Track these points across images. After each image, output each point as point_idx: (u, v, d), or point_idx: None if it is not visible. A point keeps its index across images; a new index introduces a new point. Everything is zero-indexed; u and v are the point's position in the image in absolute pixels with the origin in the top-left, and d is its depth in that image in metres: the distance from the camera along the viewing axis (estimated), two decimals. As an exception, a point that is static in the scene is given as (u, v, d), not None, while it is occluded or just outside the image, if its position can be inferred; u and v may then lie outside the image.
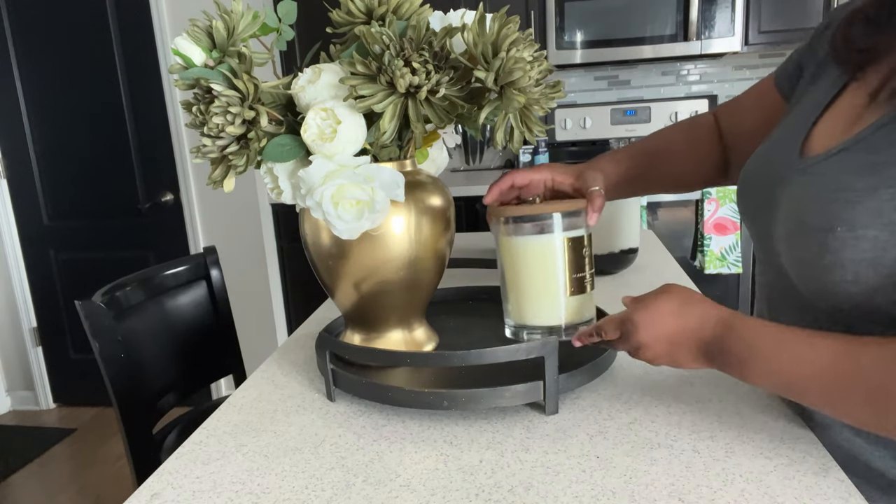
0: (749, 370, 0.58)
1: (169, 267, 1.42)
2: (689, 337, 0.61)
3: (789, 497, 0.54)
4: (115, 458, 2.48)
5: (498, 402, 0.69)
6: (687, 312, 0.62)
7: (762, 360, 0.57)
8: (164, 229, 2.67)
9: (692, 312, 0.62)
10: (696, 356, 0.61)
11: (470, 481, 0.59)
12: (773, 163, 0.67)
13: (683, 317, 0.62)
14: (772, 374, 0.57)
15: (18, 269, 2.82)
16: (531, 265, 0.75)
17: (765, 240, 0.68)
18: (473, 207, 2.55)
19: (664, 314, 0.63)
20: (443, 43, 0.68)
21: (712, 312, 0.61)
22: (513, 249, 0.76)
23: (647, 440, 0.64)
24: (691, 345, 0.61)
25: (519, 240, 0.75)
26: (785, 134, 0.68)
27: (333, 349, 0.77)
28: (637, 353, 0.65)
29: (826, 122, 0.63)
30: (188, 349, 1.43)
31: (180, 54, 0.71)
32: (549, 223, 0.74)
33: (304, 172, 0.71)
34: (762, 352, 0.57)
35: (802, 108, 0.68)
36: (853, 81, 0.62)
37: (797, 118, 0.67)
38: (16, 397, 2.97)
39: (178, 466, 0.66)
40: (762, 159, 0.70)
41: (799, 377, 0.55)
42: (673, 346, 0.62)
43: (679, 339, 0.62)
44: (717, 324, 0.60)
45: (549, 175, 0.80)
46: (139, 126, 2.59)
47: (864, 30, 0.61)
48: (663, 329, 0.62)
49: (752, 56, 2.87)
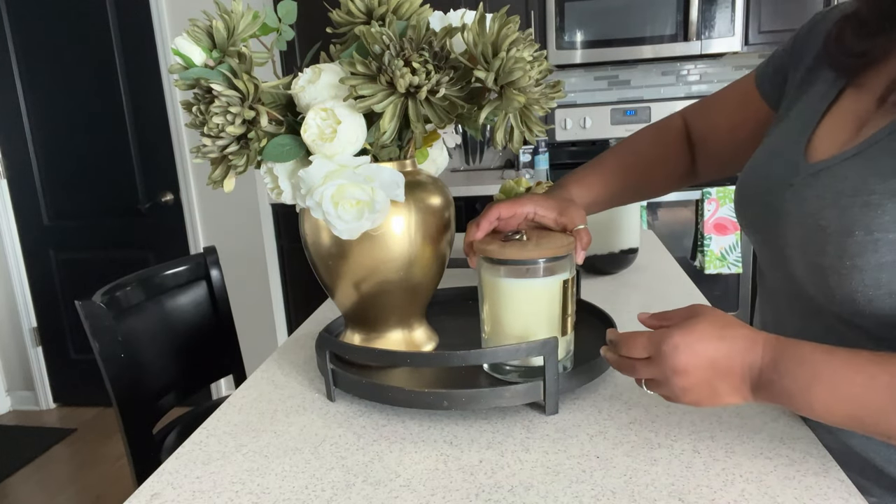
0: (813, 397, 0.50)
1: (169, 267, 1.42)
2: (736, 363, 0.53)
3: (789, 497, 0.54)
4: (115, 458, 2.48)
5: (498, 402, 0.69)
6: (731, 335, 0.54)
7: (829, 384, 0.50)
8: (164, 229, 2.67)
9: (737, 335, 0.54)
10: (741, 386, 0.53)
11: (470, 481, 0.59)
12: (775, 169, 0.66)
13: (728, 340, 0.53)
14: (841, 401, 0.50)
15: (18, 269, 2.82)
16: (516, 306, 0.72)
17: (773, 247, 0.67)
18: (473, 207, 2.55)
19: (707, 336, 0.53)
20: (443, 43, 0.68)
21: (759, 335, 0.54)
22: (498, 290, 0.72)
23: (647, 440, 0.64)
24: (738, 372, 0.53)
25: (506, 281, 0.71)
26: (784, 141, 0.67)
27: (333, 349, 0.77)
28: (668, 382, 0.55)
29: (828, 127, 0.62)
30: (188, 349, 1.43)
31: (180, 54, 0.71)
32: (535, 267, 0.70)
33: (304, 172, 0.71)
34: (829, 375, 0.50)
35: (799, 115, 0.67)
36: (850, 86, 0.62)
37: (795, 124, 0.67)
38: (16, 397, 2.97)
39: (178, 466, 0.66)
40: (762, 168, 0.69)
41: (874, 401, 0.48)
42: (716, 375, 0.53)
43: (724, 365, 0.53)
44: (765, 346, 0.53)
45: (532, 209, 0.77)
46: (139, 126, 2.59)
47: (857, 34, 0.61)
48: (706, 353, 0.53)
49: (752, 56, 2.87)
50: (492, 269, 0.73)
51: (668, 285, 1.17)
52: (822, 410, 0.51)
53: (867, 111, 0.58)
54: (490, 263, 0.72)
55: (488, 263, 0.73)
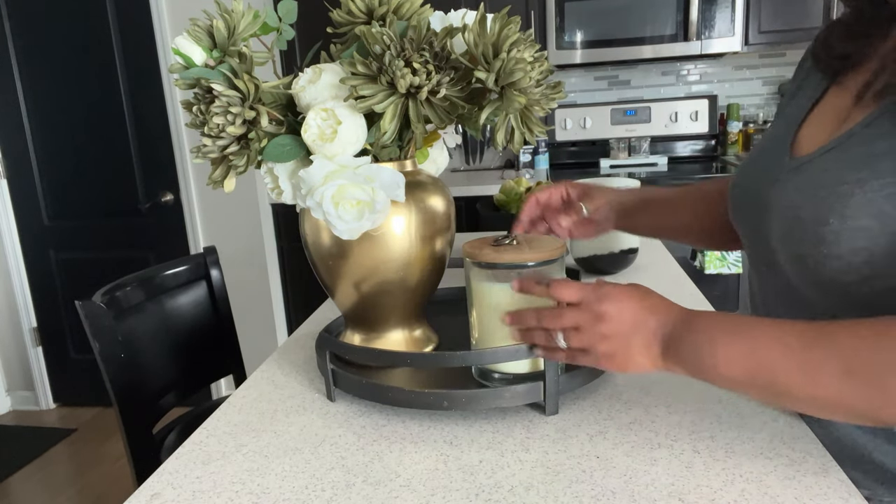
0: (717, 350, 0.55)
1: (169, 267, 1.42)
2: (651, 321, 0.60)
3: (789, 497, 0.54)
4: (115, 458, 2.48)
5: (498, 402, 0.69)
6: (652, 299, 0.62)
7: (731, 338, 0.55)
8: (164, 229, 2.67)
9: (657, 300, 0.62)
10: (652, 343, 0.59)
11: (470, 481, 0.59)
12: (762, 167, 0.69)
13: (648, 300, 0.61)
14: (741, 355, 0.54)
15: (18, 269, 2.82)
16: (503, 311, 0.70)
17: (759, 241, 0.69)
18: (473, 207, 2.55)
19: (633, 296, 0.61)
20: (443, 43, 0.68)
21: (675, 305, 0.61)
22: (486, 295, 0.72)
23: (647, 440, 0.64)
24: (652, 328, 0.59)
25: (493, 286, 0.71)
26: (772, 139, 0.70)
27: (333, 349, 0.77)
28: (591, 328, 0.61)
29: (811, 124, 0.65)
30: (188, 349, 1.43)
31: (181, 54, 0.71)
32: (524, 272, 0.70)
33: (305, 173, 0.71)
34: (730, 332, 0.56)
35: (787, 115, 0.70)
36: (834, 86, 0.65)
37: (783, 124, 0.70)
38: (16, 397, 2.97)
39: (178, 466, 0.66)
40: (751, 165, 0.72)
41: (768, 357, 0.53)
42: (634, 328, 0.60)
43: (642, 319, 0.60)
44: (680, 311, 0.60)
45: (564, 187, 0.91)
46: (139, 126, 2.59)
47: (841, 38, 0.64)
48: (630, 306, 0.60)
49: (752, 56, 2.87)
50: (481, 274, 0.72)
51: (668, 285, 1.17)
52: (724, 367, 0.55)
53: (847, 108, 0.61)
54: (479, 268, 0.72)
55: (478, 268, 0.72)
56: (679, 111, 2.90)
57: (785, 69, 2.89)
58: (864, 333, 0.51)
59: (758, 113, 2.93)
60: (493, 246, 0.73)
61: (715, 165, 2.78)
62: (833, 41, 0.65)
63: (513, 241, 0.73)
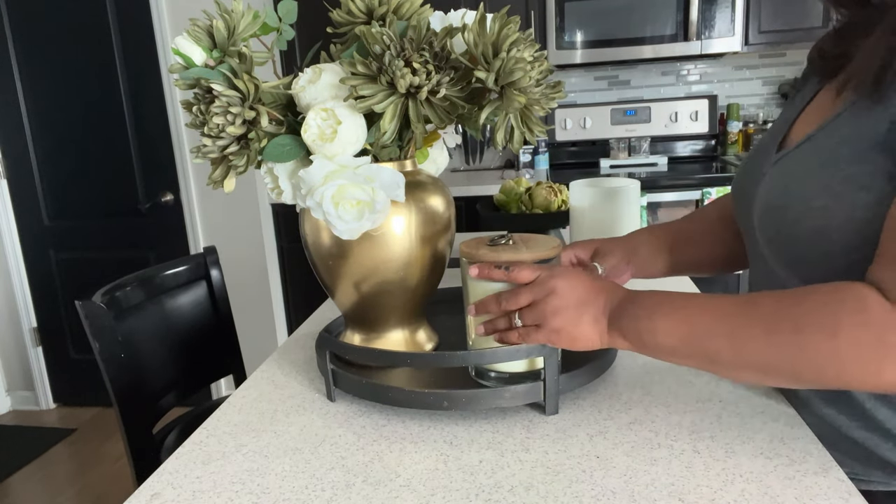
0: (657, 318, 0.61)
1: (169, 267, 1.42)
2: (601, 297, 0.65)
3: (789, 497, 0.54)
4: (115, 458, 2.48)
5: (498, 402, 0.69)
6: (603, 280, 0.68)
7: (670, 308, 0.61)
8: (164, 229, 2.67)
9: (608, 283, 0.68)
10: (600, 317, 0.64)
11: (470, 481, 0.59)
12: (754, 164, 0.74)
13: (599, 281, 0.67)
14: (678, 322, 0.60)
15: (18, 269, 2.82)
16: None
17: (749, 232, 0.74)
18: (473, 207, 2.55)
19: (584, 274, 0.67)
20: (443, 43, 0.68)
21: (622, 287, 0.67)
22: (482, 294, 0.72)
23: (647, 440, 0.64)
24: (602, 303, 0.65)
25: (489, 285, 0.71)
26: (766, 139, 0.75)
27: (333, 349, 0.77)
28: (543, 303, 0.65)
29: (800, 122, 0.71)
30: (188, 349, 1.43)
31: (181, 54, 0.71)
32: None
33: (305, 173, 0.71)
34: (668, 304, 0.61)
35: (783, 116, 0.75)
36: (824, 87, 0.70)
37: (778, 123, 0.75)
38: (16, 397, 2.97)
39: (178, 466, 0.66)
40: (747, 164, 0.77)
41: (700, 324, 0.58)
42: (584, 301, 0.65)
43: (593, 295, 0.65)
44: (626, 291, 0.66)
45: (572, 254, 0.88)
46: (139, 126, 2.59)
47: (833, 41, 0.70)
48: (581, 283, 0.66)
49: (752, 56, 2.87)
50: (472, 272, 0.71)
51: (668, 285, 1.17)
52: (662, 336, 0.60)
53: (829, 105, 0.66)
54: (470, 268, 0.72)
55: (468, 267, 0.72)
56: (679, 111, 2.90)
57: (785, 69, 2.89)
58: (786, 299, 0.55)
59: (758, 113, 2.93)
60: (490, 246, 0.73)
61: (715, 165, 2.78)
62: (825, 45, 0.71)
63: (509, 240, 0.73)
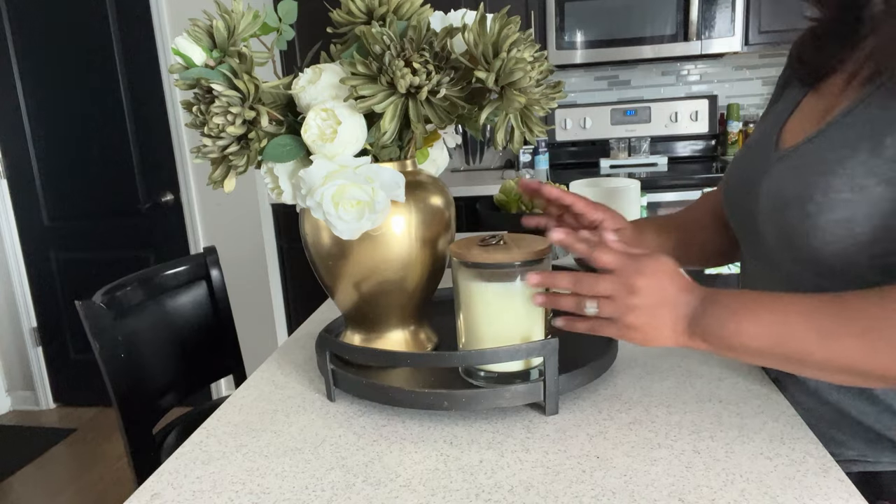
0: (742, 325, 0.59)
1: (169, 267, 1.42)
2: (681, 299, 0.62)
3: (789, 497, 0.54)
4: (115, 458, 2.48)
5: (498, 402, 0.69)
6: (684, 278, 0.64)
7: (752, 314, 0.59)
8: (164, 229, 2.67)
9: (688, 280, 0.64)
10: (680, 319, 0.62)
11: (470, 481, 0.59)
12: (752, 161, 0.75)
13: (680, 278, 0.64)
14: (764, 327, 0.58)
15: (18, 269, 2.82)
16: (491, 312, 0.72)
17: (750, 229, 0.74)
18: (473, 207, 2.55)
19: (667, 270, 0.63)
20: (443, 43, 0.68)
21: (700, 286, 0.64)
22: (473, 294, 0.72)
23: (647, 440, 0.64)
24: (682, 303, 0.62)
25: (480, 285, 0.71)
26: (760, 138, 0.77)
27: (333, 349, 0.77)
28: (623, 298, 0.62)
29: (793, 123, 0.73)
30: (188, 349, 1.43)
31: (181, 54, 0.71)
32: (511, 271, 0.70)
33: (305, 173, 0.71)
34: (752, 306, 0.60)
35: (773, 116, 0.78)
36: (811, 93, 0.74)
37: (769, 124, 0.77)
38: (16, 397, 2.97)
39: (178, 466, 0.66)
40: (742, 160, 0.79)
41: (789, 326, 0.57)
42: (663, 302, 0.62)
43: (673, 295, 0.62)
44: (705, 290, 0.63)
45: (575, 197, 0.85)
46: (139, 126, 2.59)
47: (812, 50, 0.73)
48: (661, 282, 0.62)
49: (752, 56, 2.87)
50: (469, 274, 0.72)
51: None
52: (751, 337, 0.59)
53: (826, 108, 0.68)
54: (467, 268, 0.72)
55: (465, 268, 0.72)
56: (679, 111, 2.90)
57: (785, 69, 2.89)
58: (872, 298, 0.56)
59: (758, 113, 2.93)
60: (481, 245, 0.72)
61: (715, 165, 2.78)
62: (806, 56, 0.74)
63: (500, 240, 0.73)
